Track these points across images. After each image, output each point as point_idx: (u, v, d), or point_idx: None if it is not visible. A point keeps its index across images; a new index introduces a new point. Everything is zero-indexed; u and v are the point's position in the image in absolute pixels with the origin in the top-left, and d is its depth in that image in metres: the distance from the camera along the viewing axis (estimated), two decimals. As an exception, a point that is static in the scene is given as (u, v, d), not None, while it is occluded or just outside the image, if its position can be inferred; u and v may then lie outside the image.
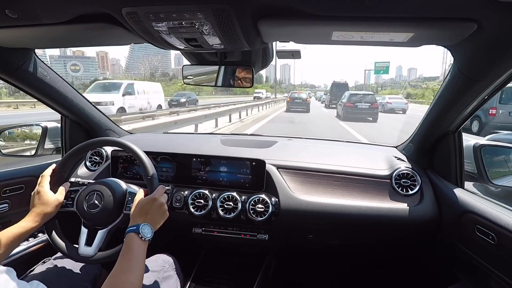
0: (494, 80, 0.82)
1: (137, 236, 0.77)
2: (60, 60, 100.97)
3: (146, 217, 0.82)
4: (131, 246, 0.75)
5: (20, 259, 1.16)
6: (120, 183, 0.99)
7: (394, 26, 0.66)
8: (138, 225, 0.78)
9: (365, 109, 13.98)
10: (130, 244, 0.76)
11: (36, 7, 0.68)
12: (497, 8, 0.56)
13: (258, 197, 1.17)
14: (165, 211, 0.88)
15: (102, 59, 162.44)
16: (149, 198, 0.86)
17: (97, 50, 46.08)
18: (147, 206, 0.84)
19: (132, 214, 0.84)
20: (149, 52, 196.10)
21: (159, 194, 0.88)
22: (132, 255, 0.74)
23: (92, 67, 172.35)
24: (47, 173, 0.93)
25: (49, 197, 0.89)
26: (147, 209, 0.84)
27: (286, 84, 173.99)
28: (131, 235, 0.77)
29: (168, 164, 1.29)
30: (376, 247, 1.37)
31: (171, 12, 0.64)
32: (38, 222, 0.85)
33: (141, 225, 0.78)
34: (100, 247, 0.89)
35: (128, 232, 0.78)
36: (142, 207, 0.84)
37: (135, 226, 0.79)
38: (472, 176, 1.12)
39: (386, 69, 36.61)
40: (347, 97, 14.65)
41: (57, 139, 1.47)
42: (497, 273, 0.84)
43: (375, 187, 1.19)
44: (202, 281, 1.33)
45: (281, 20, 0.68)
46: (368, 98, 14.35)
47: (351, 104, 14.02)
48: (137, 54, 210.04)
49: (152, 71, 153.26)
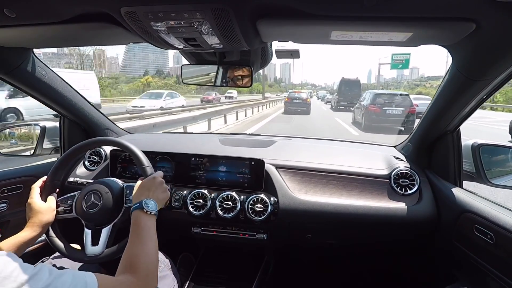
0: (492, 80, 0.82)
1: (142, 211, 0.78)
2: (53, 57, 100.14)
3: (148, 193, 0.84)
4: (139, 222, 0.77)
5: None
6: (116, 180, 0.99)
7: (393, 26, 0.66)
8: (140, 201, 0.80)
9: (397, 115, 9.68)
10: (137, 220, 0.78)
11: (35, 6, 0.68)
12: (496, 8, 0.56)
13: (257, 196, 1.17)
14: (166, 189, 0.91)
15: (99, 57, 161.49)
16: (149, 178, 0.89)
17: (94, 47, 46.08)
18: (148, 184, 0.87)
19: (134, 196, 0.85)
20: (146, 50, 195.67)
21: (158, 174, 0.91)
22: (142, 229, 0.75)
23: (87, 65, 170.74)
24: (36, 185, 0.93)
25: (41, 206, 0.88)
26: (148, 186, 0.86)
27: (286, 83, 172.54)
28: (136, 212, 0.79)
29: (167, 163, 1.29)
30: (374, 247, 1.37)
31: (170, 11, 0.64)
32: (37, 232, 0.85)
33: (143, 200, 0.80)
34: (106, 244, 0.89)
35: (133, 210, 0.80)
36: (143, 186, 0.87)
37: (138, 203, 0.80)
38: (471, 175, 1.13)
39: (406, 62, 27.42)
40: (371, 98, 10.32)
41: (55, 139, 1.46)
42: (496, 272, 0.84)
43: (374, 186, 1.19)
44: (201, 281, 1.33)
45: (280, 20, 0.68)
46: (401, 100, 9.94)
47: (377, 109, 9.80)
48: (134, 52, 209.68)
49: (146, 69, 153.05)
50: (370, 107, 10.12)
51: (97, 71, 53.39)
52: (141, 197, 0.83)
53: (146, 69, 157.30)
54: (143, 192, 0.85)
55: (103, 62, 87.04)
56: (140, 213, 0.79)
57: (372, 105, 10.05)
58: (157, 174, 0.92)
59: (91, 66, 45.48)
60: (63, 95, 1.25)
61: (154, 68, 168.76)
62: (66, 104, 1.30)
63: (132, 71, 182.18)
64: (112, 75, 61.10)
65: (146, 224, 0.77)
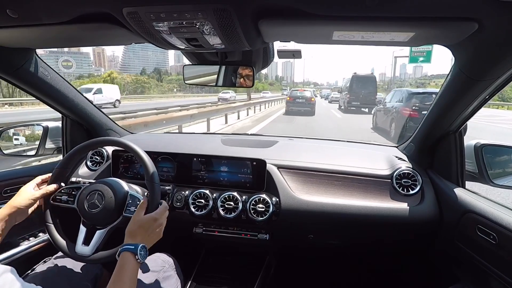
0: (495, 80, 0.81)
1: (133, 257, 0.74)
2: (51, 55, 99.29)
3: (143, 236, 0.80)
4: (125, 266, 0.73)
5: (21, 258, 1.17)
6: (122, 184, 0.98)
7: (395, 26, 0.66)
8: (136, 246, 0.75)
9: None
10: (125, 263, 0.73)
11: (37, 7, 0.68)
12: (498, 7, 0.56)
13: (258, 197, 1.17)
14: (161, 231, 0.86)
15: (99, 56, 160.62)
16: (150, 218, 0.83)
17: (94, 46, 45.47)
18: (147, 225, 0.82)
19: (130, 230, 0.80)
20: (146, 49, 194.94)
21: (161, 213, 0.86)
22: (125, 276, 0.71)
23: (85, 63, 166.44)
24: (37, 179, 0.94)
25: (25, 190, 0.89)
26: (146, 227, 0.81)
27: (287, 81, 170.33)
28: (128, 254, 0.74)
29: (169, 164, 1.29)
30: (376, 247, 1.36)
31: (172, 12, 0.64)
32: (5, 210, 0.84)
33: (139, 246, 0.75)
34: (97, 247, 0.89)
35: (125, 250, 0.75)
36: (142, 225, 0.81)
37: (133, 245, 0.75)
38: (473, 175, 1.12)
39: (428, 55, 21.58)
40: (404, 99, 8.04)
41: (58, 139, 1.47)
42: (498, 272, 0.83)
43: (376, 187, 1.19)
44: (202, 281, 1.33)
45: (282, 20, 0.68)
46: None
47: (414, 113, 7.16)
48: (134, 51, 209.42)
49: (144, 68, 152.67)
50: (403, 111, 7.59)
51: (94, 70, 52.14)
52: (136, 238, 0.78)
53: (143, 68, 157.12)
54: (139, 233, 0.79)
55: (103, 60, 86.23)
56: (131, 257, 0.74)
57: (407, 108, 7.51)
58: (160, 213, 0.85)
59: (89, 64, 44.31)
60: (65, 95, 1.26)
61: (153, 67, 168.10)
62: (68, 105, 1.31)
63: (131, 70, 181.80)
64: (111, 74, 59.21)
65: (132, 271, 0.73)
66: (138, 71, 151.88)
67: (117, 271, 0.72)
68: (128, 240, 0.78)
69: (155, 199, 0.88)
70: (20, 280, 0.53)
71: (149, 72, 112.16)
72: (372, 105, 14.49)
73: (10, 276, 0.52)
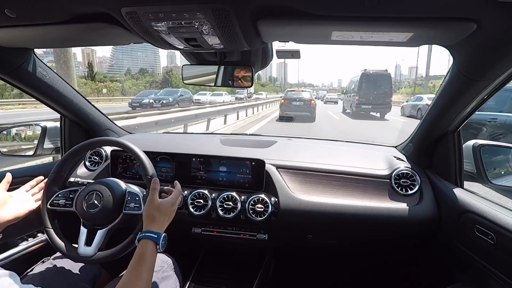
0: (493, 80, 0.82)
1: (154, 246, 0.72)
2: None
3: (162, 221, 0.78)
4: (146, 256, 0.70)
5: (19, 258, 1.16)
6: (119, 183, 0.98)
7: (394, 26, 0.66)
8: (159, 235, 0.74)
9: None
10: (145, 252, 0.71)
11: (35, 6, 0.68)
12: (497, 8, 0.56)
13: (257, 197, 1.17)
14: (172, 218, 0.85)
15: (88, 57, 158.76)
16: (168, 203, 0.82)
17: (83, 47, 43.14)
18: (165, 210, 0.80)
19: (149, 214, 0.78)
20: (136, 49, 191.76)
21: (176, 198, 0.85)
22: (144, 265, 0.69)
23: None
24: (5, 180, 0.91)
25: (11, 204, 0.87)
26: (165, 212, 0.80)
27: (280, 82, 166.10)
28: (149, 242, 0.72)
29: (168, 164, 1.29)
30: (375, 247, 1.37)
31: (171, 12, 0.64)
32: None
33: (162, 236, 0.74)
34: (99, 247, 0.89)
35: (147, 238, 0.73)
36: (160, 210, 0.79)
37: (155, 234, 0.73)
38: (472, 175, 1.12)
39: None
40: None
41: (56, 139, 1.46)
42: (497, 272, 0.84)
43: (374, 187, 1.19)
44: (201, 281, 1.33)
45: (281, 20, 0.68)
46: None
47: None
48: (123, 51, 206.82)
49: (128, 68, 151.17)
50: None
51: (82, 71, 51.21)
52: (156, 223, 0.76)
53: (128, 68, 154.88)
54: (159, 217, 0.77)
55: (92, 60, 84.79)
56: (152, 246, 0.72)
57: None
58: (176, 197, 0.84)
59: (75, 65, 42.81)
60: (63, 95, 1.26)
61: (140, 68, 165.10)
62: (66, 104, 1.30)
63: (119, 71, 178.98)
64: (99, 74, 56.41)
65: (152, 258, 0.71)
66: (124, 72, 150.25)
67: (136, 259, 0.70)
68: (149, 226, 0.76)
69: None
70: (18, 284, 0.53)
71: (134, 73, 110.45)
72: (386, 108, 12.86)
73: (8, 280, 0.52)
